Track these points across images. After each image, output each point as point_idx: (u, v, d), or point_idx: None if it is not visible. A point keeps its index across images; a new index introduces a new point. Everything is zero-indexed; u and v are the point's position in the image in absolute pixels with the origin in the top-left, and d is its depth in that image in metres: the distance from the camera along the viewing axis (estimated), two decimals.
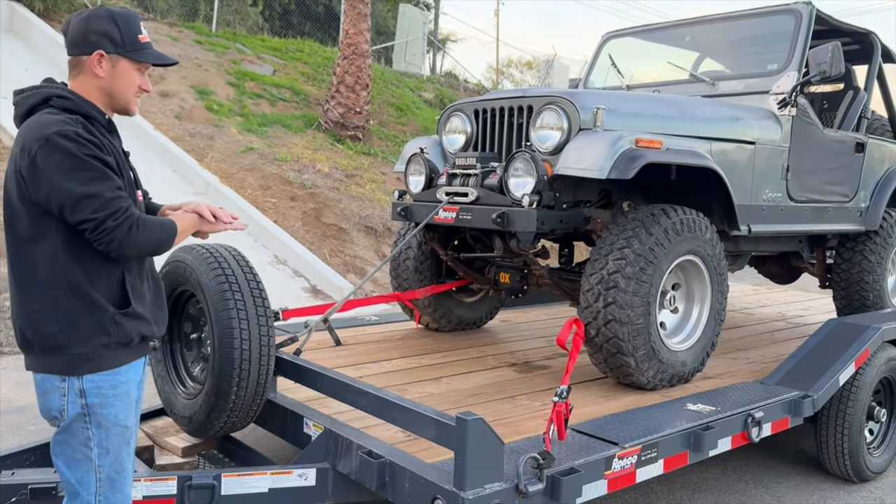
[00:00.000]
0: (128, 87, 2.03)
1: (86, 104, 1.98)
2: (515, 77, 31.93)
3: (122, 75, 2.02)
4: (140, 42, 2.03)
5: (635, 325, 3.21)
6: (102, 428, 1.96)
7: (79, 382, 1.93)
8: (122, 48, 2.00)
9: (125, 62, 2.01)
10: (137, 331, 2.01)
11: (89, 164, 1.86)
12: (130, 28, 2.02)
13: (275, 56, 13.88)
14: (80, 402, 1.93)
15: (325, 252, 8.98)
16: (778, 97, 4.13)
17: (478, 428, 2.19)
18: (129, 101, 2.05)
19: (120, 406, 1.99)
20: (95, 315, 1.92)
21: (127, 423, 2.02)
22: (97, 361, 1.94)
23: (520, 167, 3.40)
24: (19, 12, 11.54)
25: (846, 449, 3.78)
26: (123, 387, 2.00)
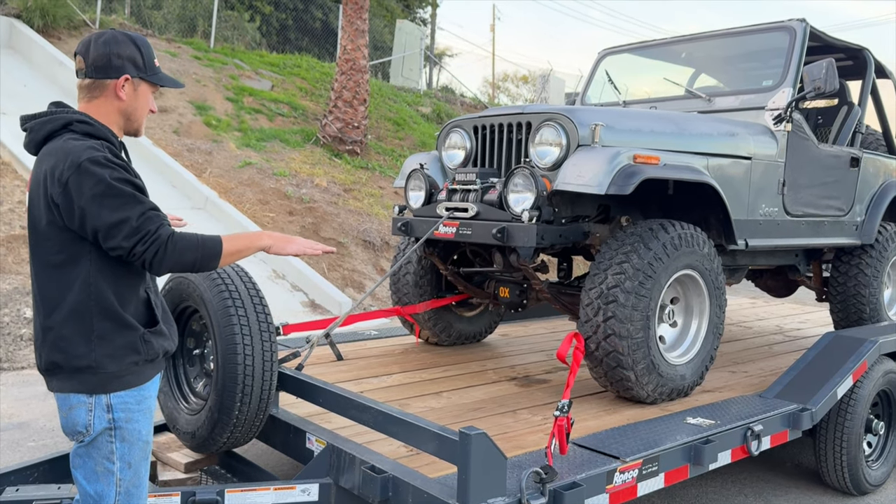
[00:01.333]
0: (144, 109, 2.10)
1: (104, 128, 2.02)
2: (511, 91, 32.13)
3: (141, 98, 2.08)
4: (156, 66, 2.11)
5: (635, 339, 3.24)
6: (127, 442, 2.00)
7: (106, 399, 1.96)
8: (143, 72, 2.06)
9: (145, 86, 2.08)
10: (162, 347, 2.07)
11: (119, 190, 1.89)
12: (149, 53, 2.10)
13: (273, 71, 13.96)
14: (108, 417, 1.97)
15: (324, 266, 9.00)
16: (773, 113, 4.18)
17: (481, 442, 2.21)
18: (141, 122, 2.12)
19: (143, 421, 2.04)
20: (127, 335, 1.97)
21: (148, 439, 2.07)
22: (128, 378, 1.98)
23: (519, 183, 3.44)
24: (18, 29, 11.60)
25: (845, 462, 3.80)
26: (147, 402, 2.05)
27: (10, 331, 6.12)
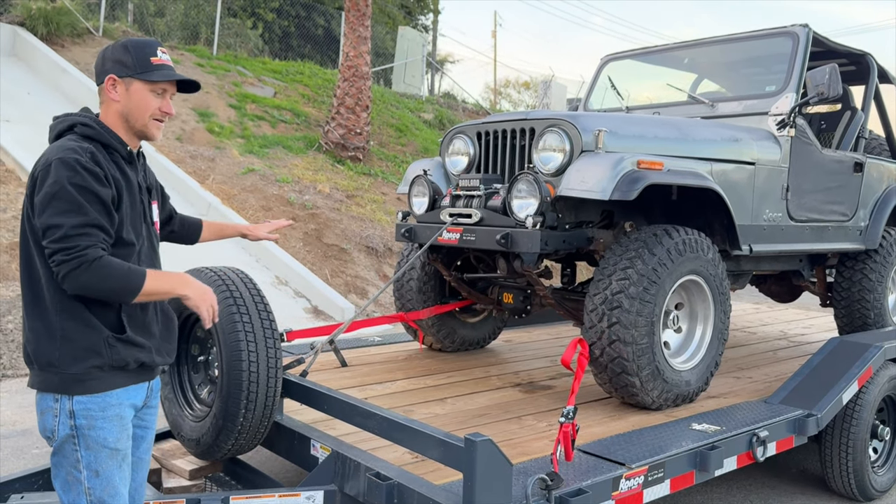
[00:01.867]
0: (142, 109, 2.05)
1: (108, 134, 2.02)
2: (513, 97, 32.18)
3: (134, 97, 2.04)
4: (152, 63, 2.04)
5: (639, 344, 3.23)
6: (91, 450, 1.96)
7: (69, 404, 1.94)
8: (132, 70, 2.02)
9: (138, 84, 2.03)
10: (134, 357, 2.01)
11: (70, 195, 1.86)
12: (142, 52, 2.04)
13: (275, 78, 14.00)
14: (70, 424, 1.94)
15: (327, 272, 9.00)
16: (777, 118, 4.18)
17: (486, 449, 2.20)
18: (145, 123, 2.06)
19: (109, 429, 1.98)
20: (90, 336, 1.94)
21: (117, 447, 2.00)
22: (90, 383, 1.94)
23: (523, 188, 3.44)
24: (22, 36, 11.64)
25: (851, 468, 3.78)
26: (114, 409, 1.99)
27: (14, 338, 6.13)
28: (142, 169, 2.16)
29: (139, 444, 2.19)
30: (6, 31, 11.62)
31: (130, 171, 2.07)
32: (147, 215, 2.13)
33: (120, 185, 1.98)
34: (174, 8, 16.42)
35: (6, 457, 4.18)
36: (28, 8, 11.71)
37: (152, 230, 2.17)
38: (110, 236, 1.93)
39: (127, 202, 2.00)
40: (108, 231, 1.92)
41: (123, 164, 2.04)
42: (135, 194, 2.05)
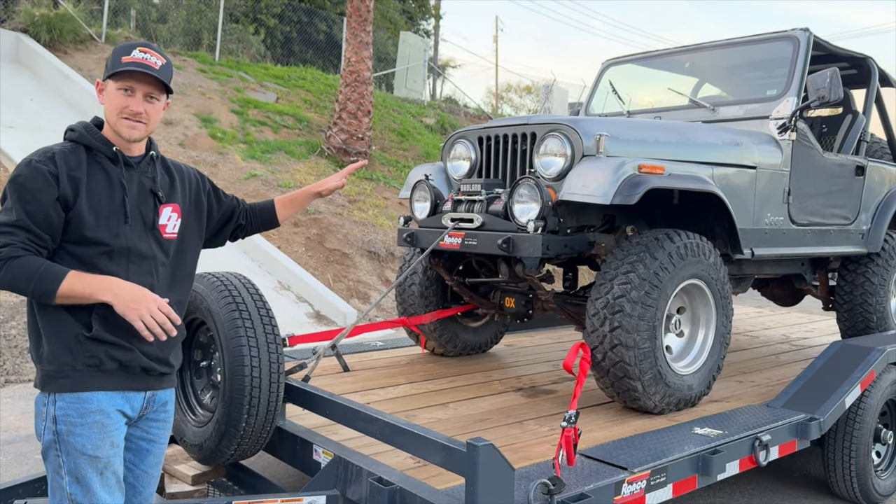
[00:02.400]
0: (111, 108, 2.05)
1: (91, 136, 2.05)
2: (515, 101, 32.24)
3: (107, 98, 2.06)
4: (122, 62, 2.02)
5: (641, 349, 3.23)
6: (71, 456, 1.96)
7: (53, 409, 1.96)
8: (107, 72, 2.05)
9: (110, 84, 2.05)
10: (109, 354, 1.99)
11: (10, 194, 1.94)
12: (119, 53, 2.04)
13: (277, 84, 14.03)
14: (52, 429, 1.97)
15: (329, 277, 9.01)
16: (778, 122, 4.18)
17: (488, 454, 2.20)
18: (115, 122, 2.05)
19: (88, 436, 1.97)
20: (61, 333, 1.97)
21: (97, 454, 1.98)
22: (63, 381, 1.96)
23: (525, 193, 3.45)
24: (26, 43, 11.69)
25: (854, 472, 3.77)
26: (92, 416, 1.97)
27: (17, 343, 6.14)
28: (150, 172, 2.14)
29: (144, 458, 2.17)
30: (9, 38, 11.67)
31: (115, 171, 2.06)
32: (138, 217, 2.07)
33: (79, 183, 1.97)
34: (176, 14, 16.45)
35: (9, 462, 4.18)
36: (31, 15, 11.76)
37: (155, 233, 2.12)
38: (39, 237, 1.92)
39: (100, 202, 2.00)
40: (34, 232, 1.92)
41: (108, 164, 2.05)
42: (115, 193, 2.03)
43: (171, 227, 2.18)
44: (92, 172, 2.02)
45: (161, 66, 2.07)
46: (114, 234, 2.01)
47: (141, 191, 2.10)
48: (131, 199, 2.06)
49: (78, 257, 1.98)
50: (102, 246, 2.00)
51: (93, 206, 1.99)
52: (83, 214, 1.97)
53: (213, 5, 15.77)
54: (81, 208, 1.97)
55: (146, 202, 2.12)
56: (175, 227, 2.19)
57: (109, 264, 2.01)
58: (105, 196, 2.01)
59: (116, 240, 2.02)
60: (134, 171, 2.11)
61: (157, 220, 2.13)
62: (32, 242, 1.92)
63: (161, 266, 2.14)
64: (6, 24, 11.87)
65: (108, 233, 2.01)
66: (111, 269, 2.01)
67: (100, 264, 2.00)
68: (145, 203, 2.11)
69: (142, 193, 2.11)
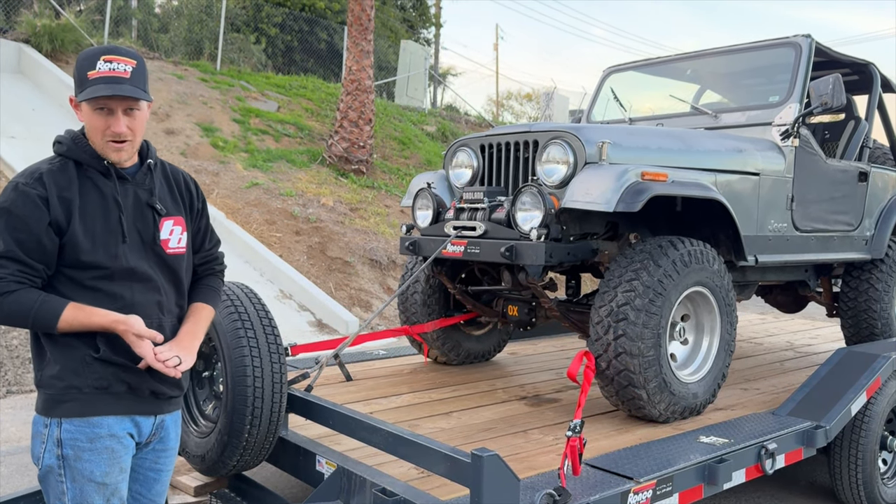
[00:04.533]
0: (92, 130, 1.90)
1: (80, 149, 1.91)
2: (515, 109, 32.27)
3: (85, 118, 1.89)
4: (88, 79, 1.84)
5: (646, 356, 3.21)
6: (77, 483, 1.86)
7: (57, 431, 1.86)
8: (77, 89, 1.88)
9: (84, 104, 1.87)
10: (117, 377, 1.89)
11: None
12: (82, 65, 1.86)
13: (279, 93, 14.05)
14: (56, 453, 1.86)
15: (331, 286, 9.00)
16: (780, 128, 4.17)
17: (493, 464, 2.18)
18: (101, 146, 1.90)
19: (97, 462, 1.88)
20: (68, 354, 1.86)
21: (105, 481, 1.89)
22: (70, 405, 1.86)
23: (527, 201, 3.44)
24: (27, 53, 11.71)
25: (860, 479, 3.75)
26: (103, 441, 1.88)
27: (19, 354, 6.12)
28: (147, 184, 2.00)
29: (151, 487, 2.09)
30: (11, 49, 11.70)
31: (108, 187, 1.92)
32: (136, 234, 1.96)
33: (71, 205, 1.85)
34: (178, 24, 16.52)
35: (10, 474, 4.16)
36: (33, 25, 11.79)
37: (157, 249, 1.99)
38: (31, 267, 1.82)
39: (95, 222, 1.88)
40: (26, 262, 1.81)
41: (100, 180, 1.92)
42: (110, 212, 1.91)
43: (174, 241, 2.03)
44: (84, 191, 1.88)
45: (132, 72, 1.87)
46: (112, 256, 1.89)
47: (137, 205, 1.97)
48: (127, 216, 1.93)
49: (77, 281, 1.88)
50: (101, 269, 1.88)
51: (87, 229, 1.86)
52: (78, 238, 1.84)
53: (214, 15, 15.83)
54: (75, 232, 1.84)
55: (144, 217, 1.98)
56: (181, 242, 2.05)
57: (112, 285, 1.90)
58: (99, 216, 1.89)
59: (115, 261, 1.89)
60: (129, 183, 1.97)
61: (158, 236, 1.99)
62: (25, 274, 1.81)
63: (168, 283, 2.03)
64: (8, 35, 11.90)
65: (106, 255, 1.88)
66: (114, 289, 1.90)
67: (102, 286, 1.89)
68: (143, 218, 1.98)
69: (138, 208, 1.97)
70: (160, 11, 18.03)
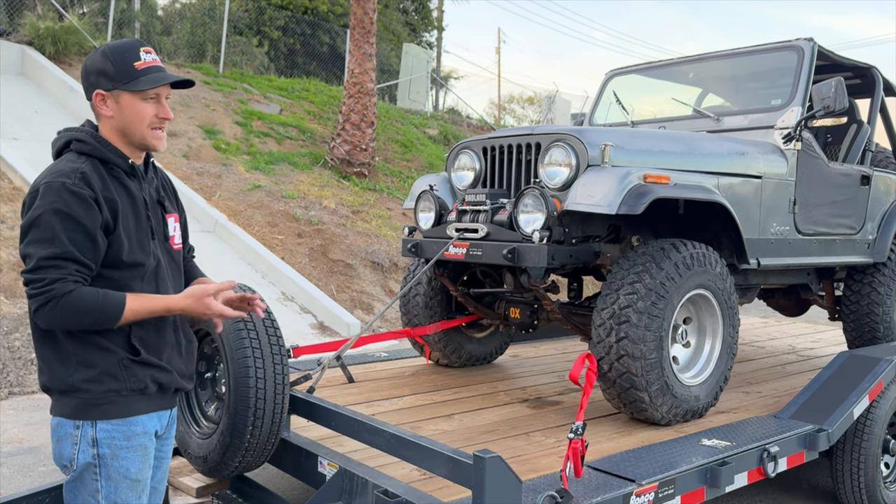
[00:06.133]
0: (137, 120, 1.91)
1: (105, 148, 1.91)
2: (517, 112, 32.30)
3: (127, 110, 1.90)
4: (136, 69, 1.88)
5: (648, 359, 3.21)
6: (112, 481, 1.89)
7: (92, 431, 1.87)
8: (117, 82, 1.88)
9: (127, 96, 1.89)
10: (153, 377, 1.94)
11: (48, 223, 1.78)
12: (123, 57, 1.89)
13: (281, 95, 14.08)
14: (92, 452, 1.87)
15: (332, 288, 9.00)
16: (783, 132, 4.18)
17: (495, 466, 2.18)
18: (144, 135, 1.93)
19: (133, 459, 1.91)
20: (105, 359, 1.87)
21: (139, 477, 1.94)
22: (107, 408, 1.87)
23: (529, 203, 3.44)
24: (30, 55, 11.75)
25: (862, 483, 3.74)
26: (138, 439, 1.93)
27: (21, 355, 6.13)
28: (154, 182, 2.06)
29: (154, 474, 2.12)
30: (15, 51, 11.73)
31: (134, 186, 1.96)
32: (158, 231, 2.01)
33: (116, 205, 1.88)
34: (180, 26, 16.56)
35: (13, 474, 4.16)
36: (36, 27, 11.83)
37: (167, 246, 2.05)
38: (87, 267, 1.82)
39: (129, 221, 1.91)
40: (82, 262, 1.81)
41: (126, 179, 1.94)
42: (139, 210, 1.95)
43: (178, 237, 2.11)
44: (118, 191, 1.91)
45: None
46: (147, 254, 1.94)
47: (153, 203, 2.02)
48: (154, 214, 2.01)
49: (114, 281, 1.88)
50: (139, 267, 1.92)
51: (126, 228, 1.89)
52: (121, 238, 1.87)
53: (217, 17, 15.86)
54: (120, 232, 1.87)
55: (157, 214, 2.03)
56: (179, 238, 2.13)
57: (142, 284, 1.93)
58: (131, 214, 1.92)
59: (149, 259, 1.94)
60: (144, 182, 2.02)
61: (168, 232, 2.06)
62: (80, 273, 1.81)
63: (176, 278, 2.09)
64: (11, 37, 11.94)
65: (143, 253, 1.93)
66: (144, 288, 1.93)
67: (134, 286, 1.91)
68: (157, 216, 2.03)
69: (153, 206, 2.02)
70: (163, 14, 18.07)
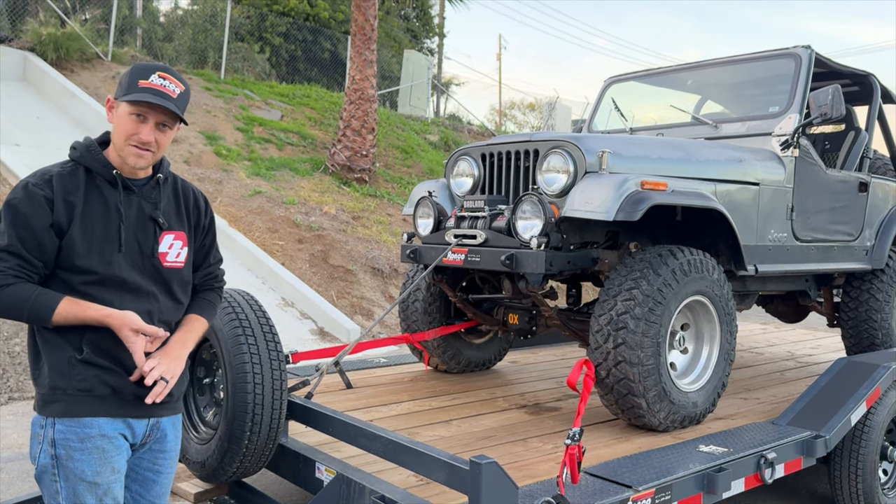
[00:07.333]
0: (119, 132, 1.97)
1: (92, 157, 1.98)
2: (518, 119, 32.33)
3: (118, 121, 1.97)
4: (139, 86, 1.94)
5: (646, 365, 3.22)
6: (69, 482, 1.91)
7: (51, 432, 1.90)
8: (121, 92, 1.96)
9: (122, 106, 1.96)
10: (101, 379, 1.93)
11: (4, 217, 1.89)
12: (137, 74, 1.96)
13: (282, 101, 14.11)
14: (50, 452, 1.91)
15: (333, 294, 9.01)
16: (780, 139, 4.19)
17: (492, 471, 2.19)
18: (121, 147, 1.97)
19: (87, 461, 1.91)
20: (56, 355, 1.92)
21: (96, 480, 1.92)
22: (56, 406, 1.91)
23: (527, 209, 3.46)
24: (32, 62, 11.78)
25: (860, 490, 3.74)
26: (93, 441, 1.92)
27: (21, 360, 6.14)
28: (155, 196, 2.06)
29: (151, 488, 2.12)
30: (17, 57, 11.77)
31: (112, 196, 1.98)
32: (136, 245, 2.00)
33: (73, 209, 1.91)
34: (182, 33, 16.60)
35: (11, 479, 4.17)
36: (38, 33, 11.87)
37: (154, 261, 2.04)
38: (30, 263, 1.88)
39: (94, 228, 1.93)
40: (25, 258, 1.87)
41: (106, 188, 1.98)
42: (111, 220, 1.96)
43: (173, 255, 2.08)
44: (89, 197, 1.95)
45: (179, 95, 1.99)
46: (106, 263, 1.94)
47: (140, 216, 2.02)
48: (128, 226, 1.99)
49: (69, 284, 1.93)
50: (93, 274, 1.93)
51: (86, 233, 1.92)
52: (75, 242, 1.91)
53: (218, 24, 15.91)
54: (74, 235, 1.91)
55: (145, 229, 2.03)
56: (180, 256, 2.10)
57: (102, 292, 1.94)
58: (100, 222, 1.95)
59: (108, 268, 1.95)
60: (134, 195, 2.02)
61: (157, 248, 2.05)
62: (23, 269, 1.88)
63: (163, 294, 2.07)
64: (13, 43, 11.98)
65: (101, 261, 1.94)
66: (104, 296, 1.94)
67: (92, 292, 1.93)
68: (143, 230, 2.03)
69: (140, 219, 2.03)
70: (165, 20, 18.13)
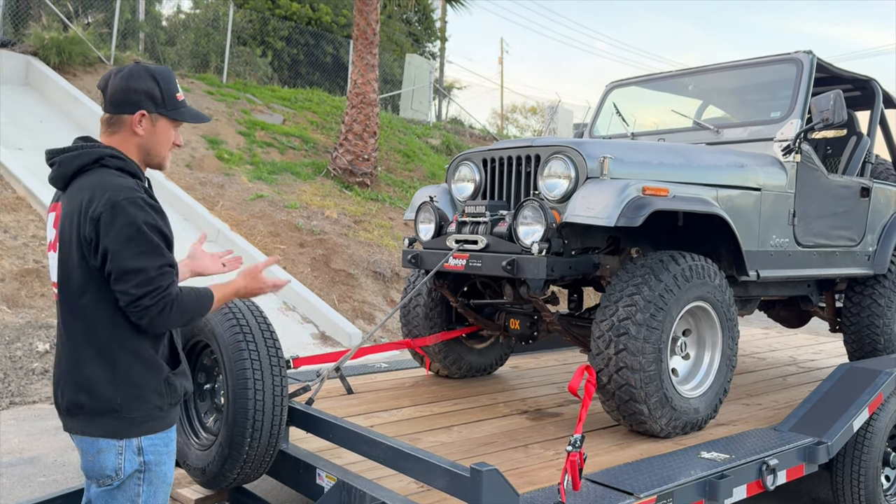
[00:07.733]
0: (164, 144, 2.07)
1: (134, 166, 2.01)
2: (520, 122, 32.38)
3: (160, 133, 2.05)
4: (178, 101, 2.06)
5: (647, 371, 3.21)
6: (153, 485, 1.98)
7: (137, 441, 1.94)
8: (162, 107, 2.03)
9: (164, 121, 2.04)
10: (184, 388, 2.06)
11: (147, 237, 1.87)
12: (169, 87, 2.05)
13: (284, 105, 14.14)
14: (139, 460, 1.94)
15: (334, 298, 9.01)
16: (782, 144, 4.19)
17: (492, 479, 2.19)
18: (164, 157, 2.09)
19: (170, 463, 2.03)
20: (153, 376, 1.95)
21: (171, 481, 2.06)
22: (150, 424, 1.96)
23: (529, 215, 3.45)
24: (35, 66, 11.82)
25: (863, 496, 3.72)
26: (174, 444, 2.06)
27: (23, 364, 6.14)
28: None
29: None
30: (20, 61, 11.80)
31: None
32: None
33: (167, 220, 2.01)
34: (185, 37, 16.63)
35: (13, 485, 4.17)
36: (41, 38, 11.90)
37: None
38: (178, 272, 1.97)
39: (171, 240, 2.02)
40: (176, 267, 1.96)
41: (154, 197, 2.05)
42: None
43: None
44: None
45: None
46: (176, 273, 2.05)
47: None
48: None
49: None
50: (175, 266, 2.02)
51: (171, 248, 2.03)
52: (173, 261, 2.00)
53: (220, 28, 15.94)
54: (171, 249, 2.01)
55: None
56: None
57: None
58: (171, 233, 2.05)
59: None
60: None
61: None
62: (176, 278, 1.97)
63: None
64: (16, 48, 12.01)
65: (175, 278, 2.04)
66: None
67: None
68: None
69: None
70: (167, 24, 18.17)
